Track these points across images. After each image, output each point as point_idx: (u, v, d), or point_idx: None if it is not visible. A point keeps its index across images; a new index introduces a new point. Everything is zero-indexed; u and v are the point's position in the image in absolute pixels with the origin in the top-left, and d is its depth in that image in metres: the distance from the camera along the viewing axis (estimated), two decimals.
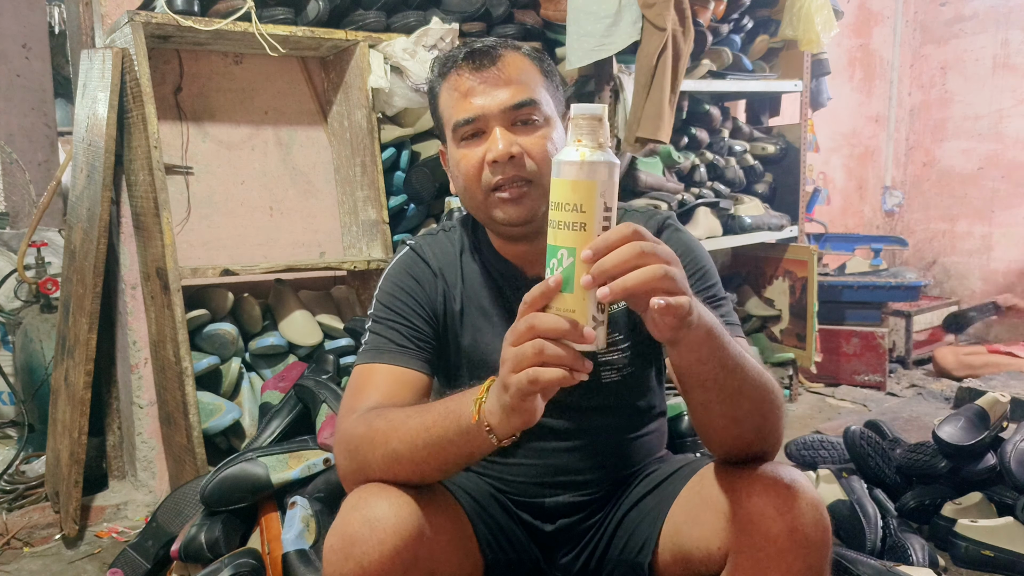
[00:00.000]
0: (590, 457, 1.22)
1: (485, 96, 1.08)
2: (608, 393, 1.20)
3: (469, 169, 1.09)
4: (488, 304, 1.20)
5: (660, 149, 2.65)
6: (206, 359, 2.02)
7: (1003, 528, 1.74)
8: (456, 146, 1.11)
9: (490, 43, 1.12)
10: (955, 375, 3.44)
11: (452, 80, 1.11)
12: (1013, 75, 4.02)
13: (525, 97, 1.08)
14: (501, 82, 1.08)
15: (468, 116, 1.08)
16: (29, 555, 1.96)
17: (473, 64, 1.09)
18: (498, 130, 1.07)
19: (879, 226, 4.45)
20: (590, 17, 2.24)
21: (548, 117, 1.11)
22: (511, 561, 1.20)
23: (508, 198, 1.08)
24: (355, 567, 0.95)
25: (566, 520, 1.22)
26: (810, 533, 0.92)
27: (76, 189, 2.14)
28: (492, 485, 1.25)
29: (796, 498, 0.93)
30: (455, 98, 1.10)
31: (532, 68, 1.12)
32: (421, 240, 1.26)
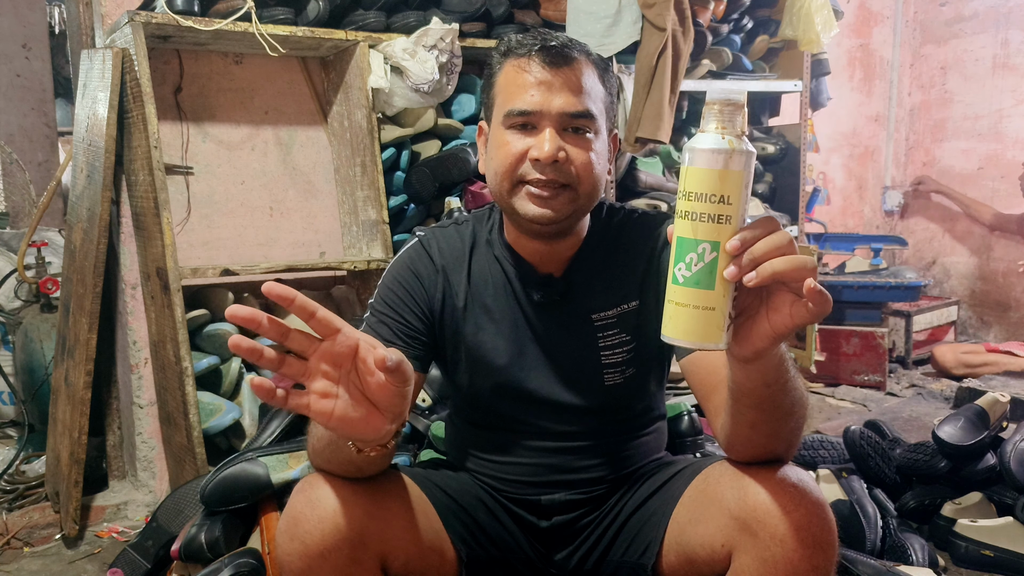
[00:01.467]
0: (588, 457, 1.22)
1: (549, 94, 1.07)
2: (609, 395, 1.20)
3: (509, 156, 1.09)
4: (491, 301, 1.20)
5: (660, 149, 2.66)
6: (206, 359, 2.02)
7: (1003, 528, 1.74)
8: (502, 128, 1.11)
9: (566, 41, 1.10)
10: (954, 374, 3.44)
11: (520, 64, 1.09)
12: (1013, 75, 4.02)
13: (585, 108, 1.08)
14: (568, 86, 1.08)
15: (526, 108, 1.08)
16: (29, 555, 1.96)
17: (547, 59, 1.08)
18: (549, 131, 1.07)
19: (879, 226, 4.45)
20: (590, 17, 2.24)
21: (599, 130, 1.11)
22: (494, 558, 1.20)
23: (538, 195, 1.08)
24: (299, 546, 0.97)
25: (561, 517, 1.23)
26: (817, 534, 0.92)
27: (76, 189, 2.14)
28: (485, 484, 1.25)
29: (803, 498, 0.93)
30: (518, 84, 1.09)
31: (598, 80, 1.12)
32: (430, 233, 1.25)
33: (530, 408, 1.20)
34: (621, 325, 1.18)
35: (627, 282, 1.19)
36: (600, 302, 1.18)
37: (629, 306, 1.18)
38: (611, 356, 1.19)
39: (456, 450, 1.33)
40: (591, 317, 1.18)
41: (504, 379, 1.19)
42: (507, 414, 1.22)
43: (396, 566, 1.04)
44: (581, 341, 1.18)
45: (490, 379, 1.20)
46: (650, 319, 1.19)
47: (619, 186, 2.57)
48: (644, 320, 1.19)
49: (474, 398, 1.23)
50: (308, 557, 0.96)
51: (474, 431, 1.28)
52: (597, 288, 1.19)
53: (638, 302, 1.19)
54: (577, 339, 1.18)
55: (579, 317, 1.18)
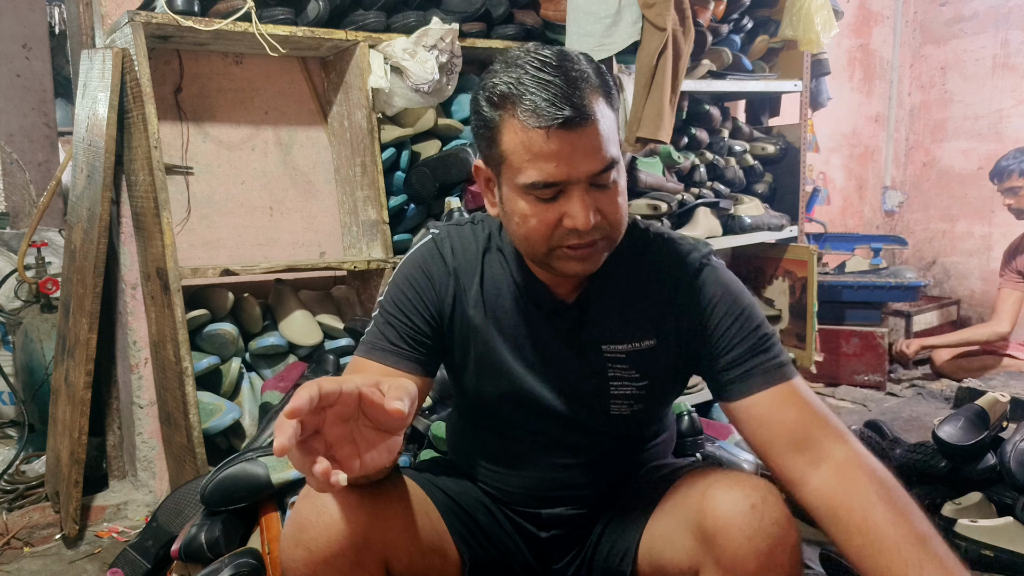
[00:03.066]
0: (591, 474, 1.21)
1: (572, 162, 0.97)
2: (614, 423, 1.19)
3: (541, 228, 1.01)
4: (502, 313, 1.16)
5: (660, 149, 2.65)
6: (206, 359, 2.02)
7: (1003, 528, 1.74)
8: (521, 198, 1.01)
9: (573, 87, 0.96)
10: (953, 376, 3.44)
11: (530, 135, 0.97)
12: (1013, 75, 4.02)
13: (611, 159, 1.00)
14: (589, 148, 0.98)
15: (550, 181, 0.98)
16: (29, 555, 1.96)
17: (567, 126, 0.95)
18: (578, 197, 0.99)
19: (879, 226, 4.45)
20: (590, 17, 2.24)
21: (620, 165, 1.03)
22: (494, 560, 1.20)
23: (576, 256, 1.03)
24: (304, 552, 0.97)
25: (559, 531, 1.23)
26: (777, 555, 0.93)
27: (76, 189, 2.14)
28: (487, 491, 1.25)
29: (762, 519, 0.94)
30: (534, 154, 0.98)
31: (608, 109, 1.01)
32: (445, 232, 1.21)
33: (536, 419, 1.18)
34: (631, 362, 1.14)
35: (644, 318, 1.14)
36: (612, 335, 1.14)
37: (642, 344, 1.14)
38: (620, 388, 1.15)
39: (458, 454, 1.32)
40: (601, 347, 1.14)
41: (511, 389, 1.17)
42: (513, 422, 1.20)
43: (399, 568, 1.04)
44: (590, 368, 1.15)
45: (498, 387, 1.18)
46: (665, 359, 1.15)
47: None
48: (659, 360, 1.15)
49: (480, 402, 1.22)
50: (314, 563, 0.97)
51: (478, 434, 1.27)
52: (610, 320, 1.14)
53: (654, 341, 1.14)
54: (586, 365, 1.15)
55: (590, 345, 1.15)
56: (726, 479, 1.00)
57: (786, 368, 1.11)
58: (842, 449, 1.02)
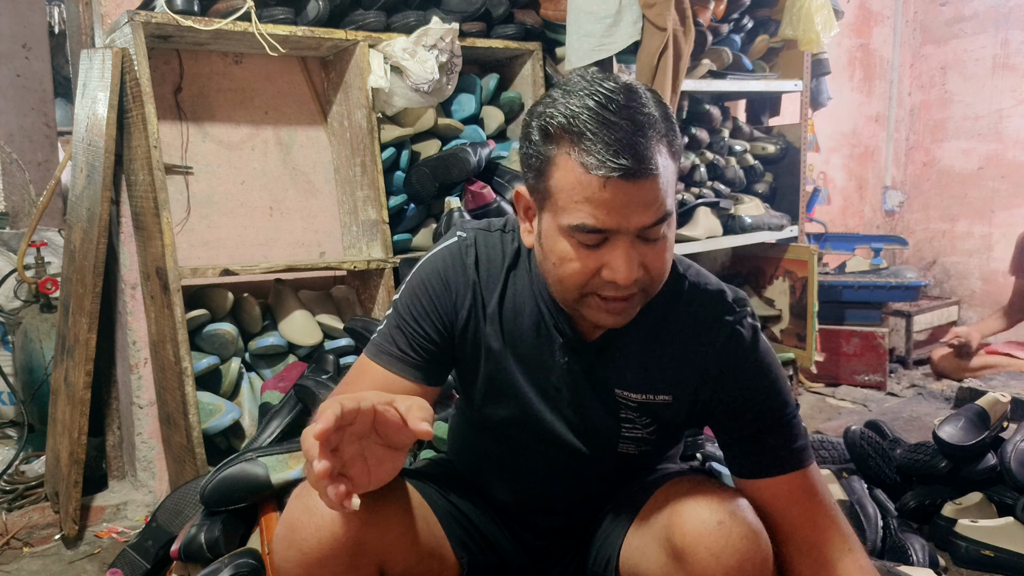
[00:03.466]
0: (591, 493, 1.22)
1: (624, 213, 0.91)
2: (620, 460, 1.17)
3: (579, 273, 0.96)
4: (520, 336, 1.12)
5: None
6: (206, 359, 2.02)
7: (1003, 528, 1.73)
8: (563, 236, 0.95)
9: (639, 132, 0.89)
10: (953, 376, 3.44)
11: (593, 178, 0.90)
12: (1013, 75, 4.02)
13: (663, 214, 0.93)
14: (647, 201, 0.91)
15: (598, 227, 0.92)
16: (29, 555, 1.96)
17: (625, 175, 0.89)
18: (624, 252, 0.93)
19: (879, 226, 4.45)
20: (590, 17, 2.24)
21: (671, 219, 0.97)
22: (492, 564, 1.20)
23: (609, 309, 0.98)
24: (296, 553, 0.97)
25: (555, 539, 1.23)
26: (746, 570, 0.94)
27: (76, 189, 2.14)
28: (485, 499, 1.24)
29: (728, 535, 0.94)
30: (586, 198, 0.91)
31: (669, 160, 0.94)
32: (472, 238, 1.14)
33: (540, 445, 1.17)
34: (643, 411, 1.12)
35: (663, 374, 1.10)
36: (627, 382, 1.10)
37: (657, 398, 1.10)
38: (630, 431, 1.13)
39: (458, 455, 1.32)
40: (615, 391, 1.11)
41: (519, 414, 1.15)
42: (518, 440, 1.19)
43: (395, 572, 1.04)
44: (603, 406, 1.12)
45: (505, 409, 1.15)
46: (678, 415, 1.12)
47: None
48: (673, 416, 1.12)
49: (484, 419, 1.20)
50: (306, 564, 0.96)
51: (480, 441, 1.25)
52: (628, 367, 1.10)
53: (670, 397, 1.10)
54: (599, 403, 1.12)
55: (604, 386, 1.11)
56: (694, 494, 0.99)
57: (803, 454, 1.07)
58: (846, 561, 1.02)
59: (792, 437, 1.06)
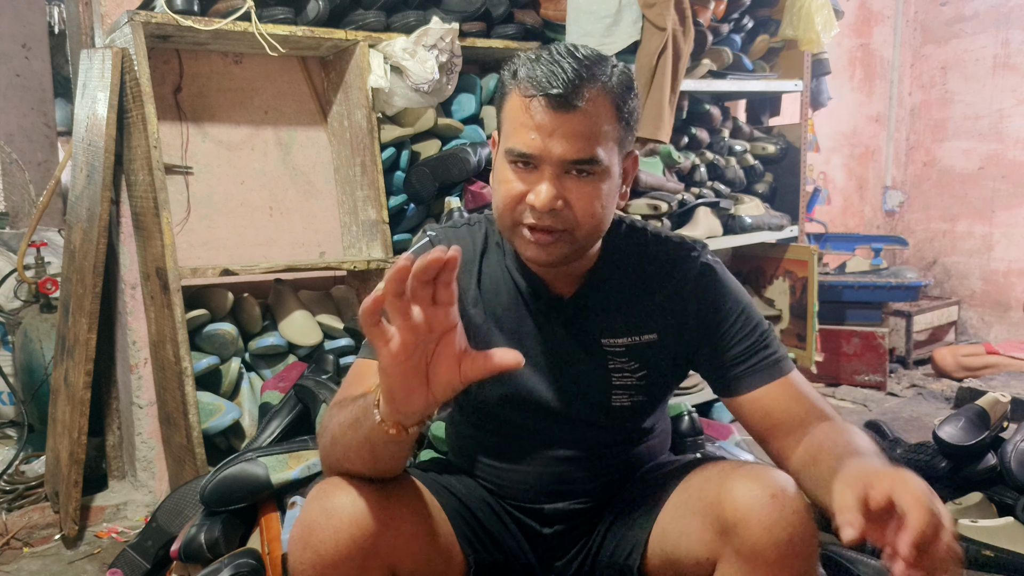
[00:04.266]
0: (592, 468, 1.22)
1: (549, 140, 1.00)
2: (616, 415, 1.19)
3: (508, 196, 1.04)
4: (502, 311, 1.17)
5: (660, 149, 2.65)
6: (206, 359, 2.02)
7: (1003, 528, 1.73)
8: (505, 161, 1.05)
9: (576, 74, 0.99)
10: (954, 376, 3.44)
11: (523, 103, 1.01)
12: (1013, 75, 4.02)
13: (588, 155, 1.01)
14: (570, 132, 0.99)
15: (525, 151, 1.01)
16: (29, 555, 1.96)
17: (553, 103, 0.98)
18: (547, 180, 1.01)
19: (879, 226, 4.45)
20: (590, 17, 2.24)
21: (606, 170, 1.03)
22: (498, 563, 1.20)
23: (534, 241, 1.04)
24: (312, 556, 0.97)
25: (562, 526, 1.23)
26: (797, 544, 0.94)
27: (76, 189, 2.14)
28: (490, 490, 1.25)
29: (782, 509, 0.94)
30: (521, 123, 1.02)
31: (610, 115, 1.02)
32: (441, 232, 1.22)
33: (538, 418, 1.19)
34: (631, 355, 1.16)
35: (646, 313, 1.16)
36: (611, 329, 1.16)
37: (643, 338, 1.16)
38: (621, 379, 1.17)
39: (459, 454, 1.32)
40: (600, 341, 1.16)
41: (513, 389, 1.18)
42: (515, 422, 1.21)
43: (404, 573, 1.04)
44: (591, 360, 1.16)
45: (499, 388, 1.18)
46: (666, 353, 1.17)
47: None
48: (660, 354, 1.17)
49: (482, 404, 1.22)
50: (322, 566, 0.96)
51: (480, 435, 1.27)
52: (609, 314, 1.16)
53: (656, 335, 1.16)
54: (587, 358, 1.16)
55: (589, 339, 1.16)
56: (744, 470, 1.00)
57: (784, 362, 1.16)
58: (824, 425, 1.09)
59: (773, 351, 1.15)
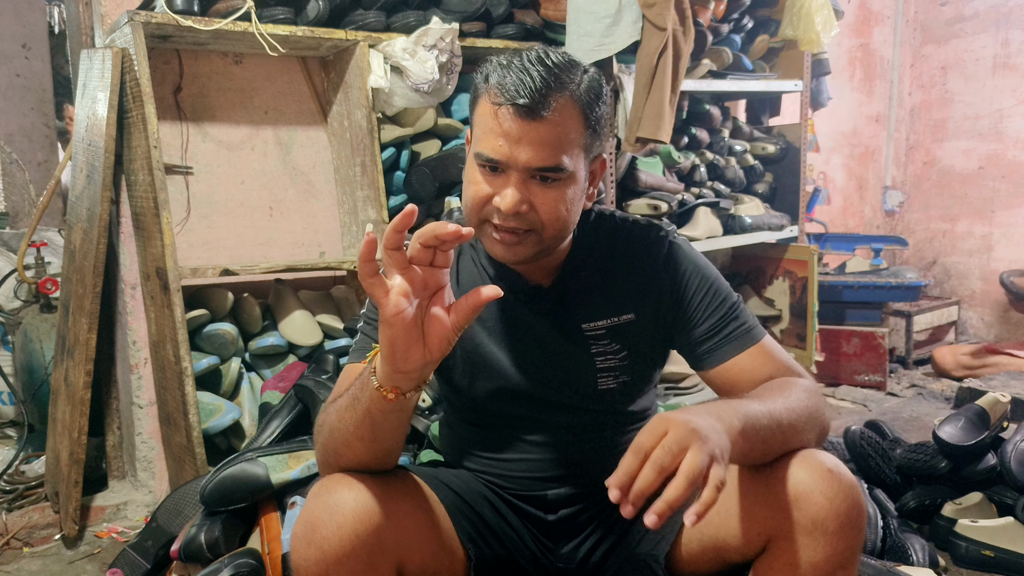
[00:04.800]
0: (590, 451, 1.23)
1: (516, 147, 1.03)
2: (603, 399, 1.21)
3: (476, 196, 1.08)
4: (483, 312, 1.18)
5: (660, 149, 2.65)
6: (206, 359, 2.02)
7: (1003, 528, 1.74)
8: (474, 163, 1.09)
9: (544, 83, 1.02)
10: (954, 375, 3.44)
11: (491, 109, 1.04)
12: (1013, 75, 4.02)
13: (553, 163, 1.04)
14: (537, 141, 1.03)
15: (492, 156, 1.05)
16: (29, 555, 1.96)
17: (519, 110, 1.02)
18: (513, 185, 1.05)
19: (879, 226, 4.45)
20: (590, 17, 2.24)
21: (571, 175, 1.07)
22: (500, 557, 1.20)
23: (500, 240, 1.08)
24: (316, 552, 0.97)
25: (567, 511, 1.24)
26: (853, 516, 0.97)
27: (76, 189, 2.14)
28: (490, 484, 1.25)
29: (839, 482, 0.98)
30: (489, 128, 1.05)
31: (577, 122, 1.05)
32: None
33: (529, 407, 1.21)
34: (612, 336, 1.19)
35: (622, 294, 1.19)
36: (591, 313, 1.19)
37: (621, 319, 1.19)
38: (604, 362, 1.19)
39: (455, 452, 1.33)
40: (581, 327, 1.19)
41: (503, 383, 1.20)
42: (508, 413, 1.23)
43: (411, 569, 1.04)
44: (574, 346, 1.19)
45: (489, 383, 1.21)
46: (645, 332, 1.20)
47: (619, 186, 2.56)
48: (639, 333, 1.20)
49: (473, 400, 1.24)
50: (326, 563, 0.96)
51: (475, 431, 1.28)
52: (589, 299, 1.19)
53: (633, 315, 1.19)
54: (570, 344, 1.19)
55: (570, 326, 1.19)
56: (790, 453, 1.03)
57: (755, 331, 1.18)
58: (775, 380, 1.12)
59: (742, 321, 1.18)
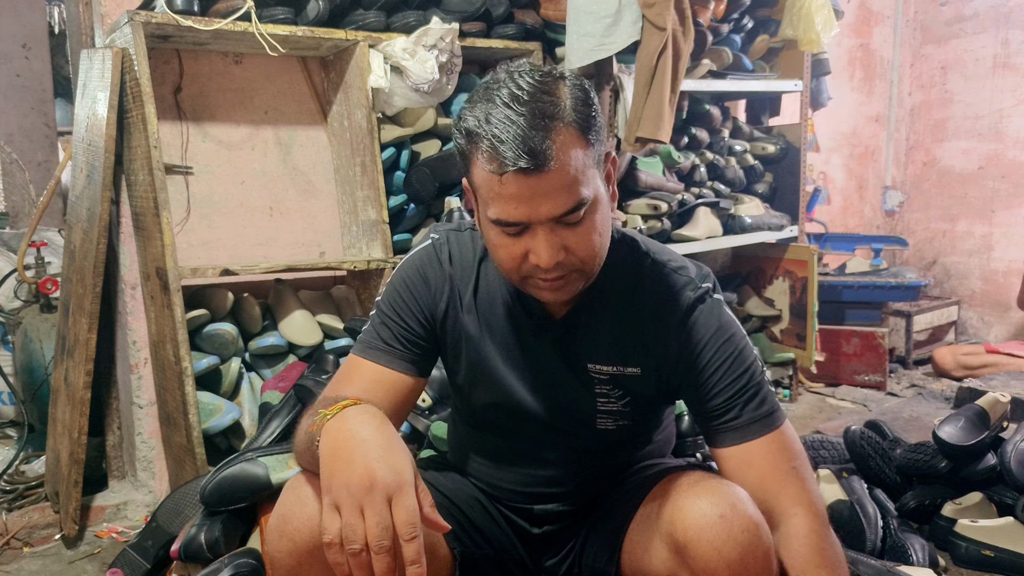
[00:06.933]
0: (581, 474, 1.23)
1: (532, 205, 0.95)
2: (601, 438, 1.20)
3: (509, 259, 1.01)
4: (495, 321, 1.18)
5: (660, 149, 2.65)
6: (206, 359, 2.02)
7: (1003, 528, 1.73)
8: (489, 227, 1.01)
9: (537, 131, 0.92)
10: (954, 375, 3.44)
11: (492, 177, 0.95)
12: (1013, 75, 4.02)
13: (575, 203, 0.96)
14: (552, 190, 0.94)
15: (512, 220, 0.97)
16: (29, 555, 1.96)
17: (523, 172, 0.93)
18: (543, 236, 0.97)
19: (879, 226, 4.45)
20: (590, 17, 2.24)
21: (595, 201, 0.99)
22: (489, 557, 1.20)
23: (547, 288, 1.03)
24: (288, 544, 0.97)
25: (552, 527, 1.24)
26: (748, 562, 0.93)
27: (76, 189, 2.14)
28: (483, 489, 1.25)
29: (729, 528, 0.94)
30: (497, 194, 0.96)
31: (580, 149, 0.96)
32: (445, 236, 1.21)
33: (525, 425, 1.20)
34: (615, 383, 1.15)
35: (630, 346, 1.13)
36: (598, 355, 1.14)
37: (627, 370, 1.14)
38: (605, 404, 1.16)
39: (457, 452, 1.33)
40: (587, 366, 1.15)
41: (502, 398, 1.19)
42: (504, 426, 1.22)
43: None
44: (578, 382, 1.16)
45: (489, 394, 1.20)
46: (648, 388, 1.15)
47: (619, 186, 2.57)
48: (644, 386, 1.15)
49: (472, 405, 1.24)
50: (297, 554, 0.96)
51: (473, 434, 1.28)
52: (597, 339, 1.14)
53: (638, 370, 1.14)
54: (574, 379, 1.16)
55: (576, 361, 1.16)
56: (695, 488, 1.00)
57: (775, 415, 1.09)
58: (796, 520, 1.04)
59: (766, 399, 1.08)
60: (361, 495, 0.82)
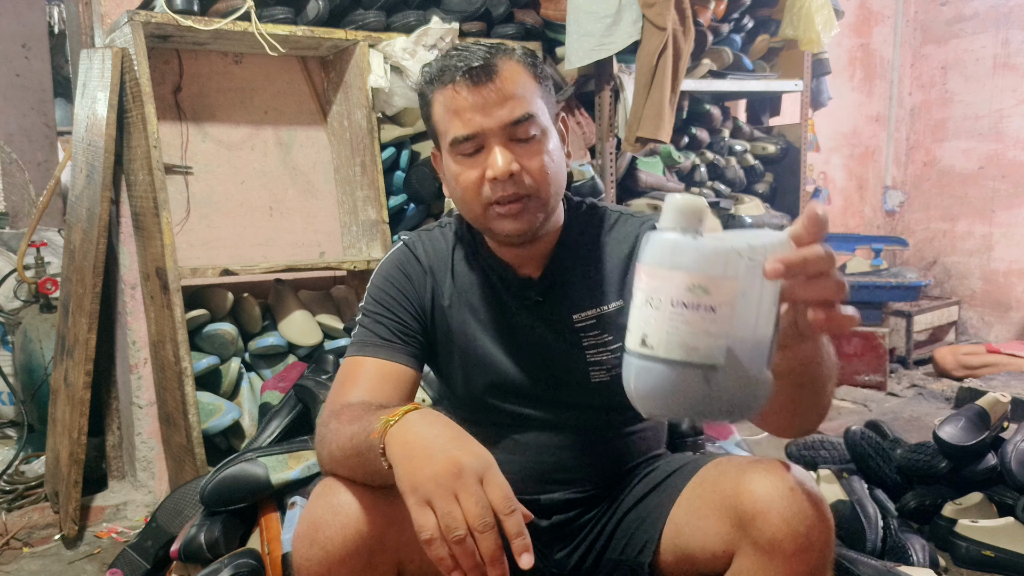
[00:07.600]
0: (584, 454, 1.23)
1: (483, 113, 1.06)
2: (596, 392, 1.21)
3: (468, 184, 1.10)
4: (477, 300, 1.21)
5: (660, 149, 2.65)
6: (206, 359, 2.02)
7: (1003, 528, 1.73)
8: (453, 160, 1.11)
9: (484, 53, 1.08)
10: (955, 375, 3.44)
11: (448, 93, 1.08)
12: (1013, 75, 4.02)
13: (523, 112, 1.07)
14: (499, 98, 1.06)
15: (466, 133, 1.07)
16: (29, 555, 1.96)
17: (470, 80, 1.06)
18: (497, 149, 1.07)
19: (879, 226, 4.45)
20: (590, 17, 2.24)
21: (544, 129, 1.10)
22: None
23: (506, 213, 1.09)
24: (319, 552, 0.97)
25: (561, 516, 1.24)
26: (814, 537, 0.94)
27: (76, 189, 2.14)
28: None
29: (800, 501, 0.94)
30: (453, 112, 1.08)
31: (528, 78, 1.10)
32: (415, 236, 1.27)
33: (525, 404, 1.21)
34: (603, 327, 1.18)
35: (608, 282, 1.20)
36: (579, 303, 1.19)
37: (609, 307, 1.19)
38: (595, 355, 1.19)
39: None
40: (572, 317, 1.19)
41: (497, 378, 1.21)
42: (503, 410, 1.23)
43: (411, 569, 1.04)
44: (566, 340, 1.19)
45: (484, 378, 1.21)
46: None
47: (619, 186, 2.56)
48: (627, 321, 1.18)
49: (470, 396, 1.25)
50: (329, 563, 0.96)
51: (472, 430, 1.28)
52: (576, 289, 1.19)
53: (620, 303, 1.19)
54: (562, 338, 1.19)
55: (561, 317, 1.19)
56: (763, 464, 1.01)
57: None
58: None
59: None
60: (451, 482, 0.83)
